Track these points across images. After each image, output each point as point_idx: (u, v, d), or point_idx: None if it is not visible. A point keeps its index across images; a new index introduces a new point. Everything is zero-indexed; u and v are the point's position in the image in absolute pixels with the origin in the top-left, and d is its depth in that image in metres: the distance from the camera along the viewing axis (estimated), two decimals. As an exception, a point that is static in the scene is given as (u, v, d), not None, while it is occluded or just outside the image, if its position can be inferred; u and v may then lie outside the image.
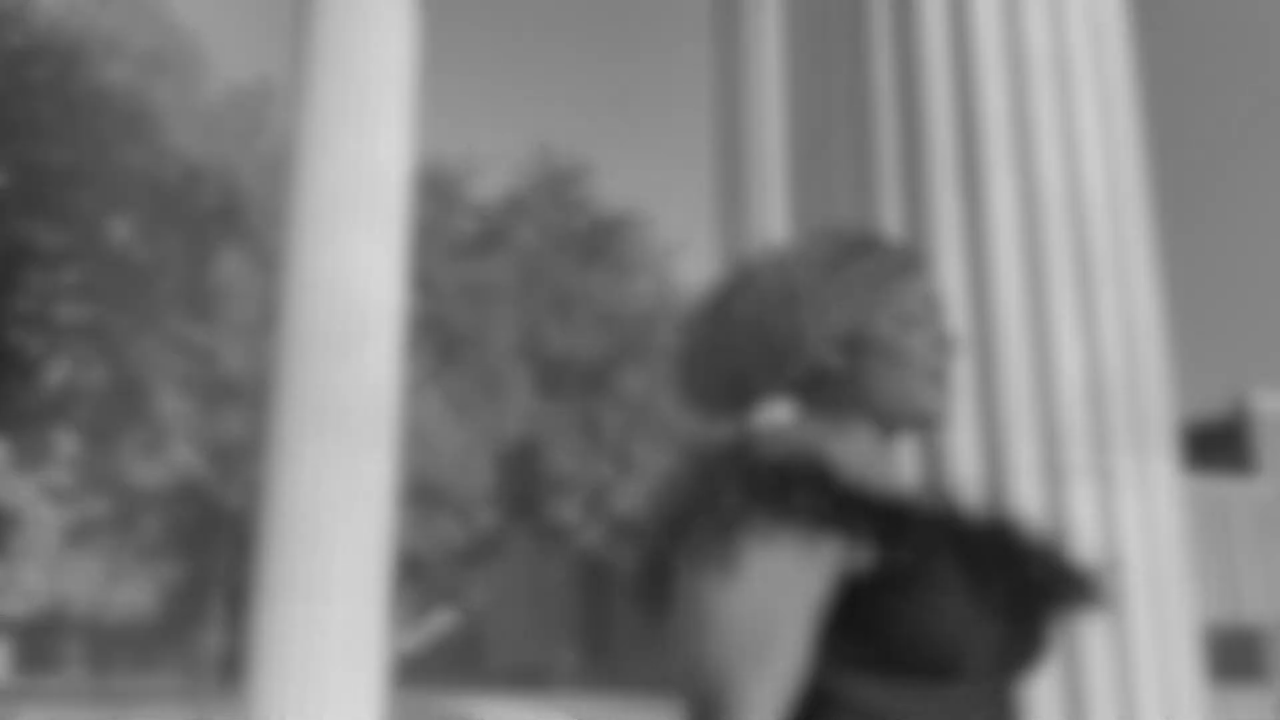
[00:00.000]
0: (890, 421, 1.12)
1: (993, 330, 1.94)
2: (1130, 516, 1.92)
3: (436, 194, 24.30)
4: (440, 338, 22.69)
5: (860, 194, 2.10)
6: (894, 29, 2.12)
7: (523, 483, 23.28)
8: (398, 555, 21.88)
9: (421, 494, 20.90)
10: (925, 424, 1.12)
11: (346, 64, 6.32)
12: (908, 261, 1.14)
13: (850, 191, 2.12)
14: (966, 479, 1.88)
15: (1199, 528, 21.72)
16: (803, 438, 1.09)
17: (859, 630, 0.98)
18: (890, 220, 2.04)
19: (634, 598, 1.09)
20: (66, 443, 19.29)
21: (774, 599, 0.95)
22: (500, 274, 23.37)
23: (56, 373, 18.56)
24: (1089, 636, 1.84)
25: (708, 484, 1.02)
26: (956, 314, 1.95)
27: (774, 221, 4.81)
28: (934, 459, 1.92)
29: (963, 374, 1.94)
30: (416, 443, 20.45)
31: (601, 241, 25.12)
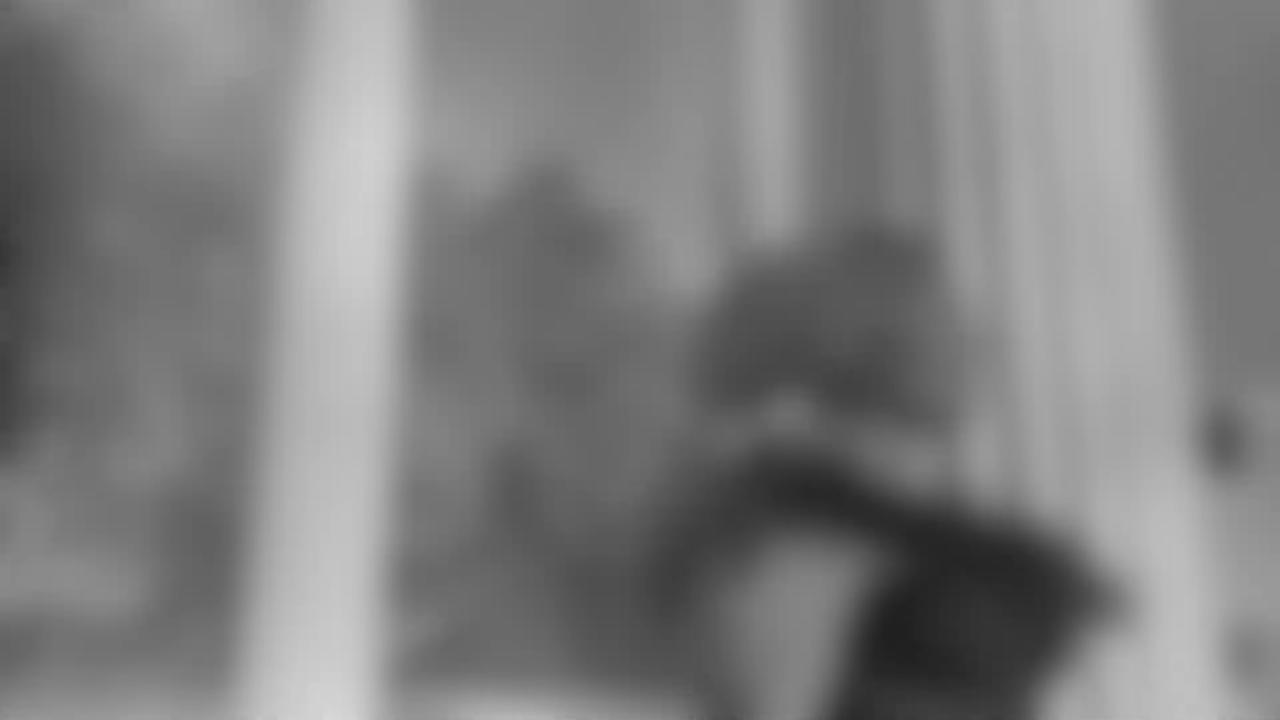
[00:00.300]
0: (910, 420, 1.10)
1: (1012, 328, 1.91)
2: (1154, 519, 1.90)
3: (428, 193, 24.42)
4: (431, 337, 22.79)
5: (872, 189, 2.06)
6: (907, 16, 2.08)
7: (514, 483, 23.42)
8: (389, 556, 21.98)
9: (412, 494, 21.01)
10: (946, 423, 1.11)
11: (340, 62, 6.36)
12: (927, 257, 1.14)
13: (861, 187, 2.08)
14: (985, 482, 1.85)
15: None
16: (823, 441, 1.08)
17: (884, 638, 0.96)
18: (905, 215, 2.01)
19: (642, 600, 1.07)
20: (52, 440, 19.35)
21: (796, 606, 0.94)
22: (491, 273, 23.51)
23: (42, 370, 18.60)
24: (1111, 642, 1.81)
25: (729, 489, 1.00)
26: (975, 311, 1.92)
27: (774, 220, 4.79)
28: (952, 461, 1.89)
29: (981, 374, 1.91)
30: (407, 443, 20.55)
31: (594, 240, 25.30)
